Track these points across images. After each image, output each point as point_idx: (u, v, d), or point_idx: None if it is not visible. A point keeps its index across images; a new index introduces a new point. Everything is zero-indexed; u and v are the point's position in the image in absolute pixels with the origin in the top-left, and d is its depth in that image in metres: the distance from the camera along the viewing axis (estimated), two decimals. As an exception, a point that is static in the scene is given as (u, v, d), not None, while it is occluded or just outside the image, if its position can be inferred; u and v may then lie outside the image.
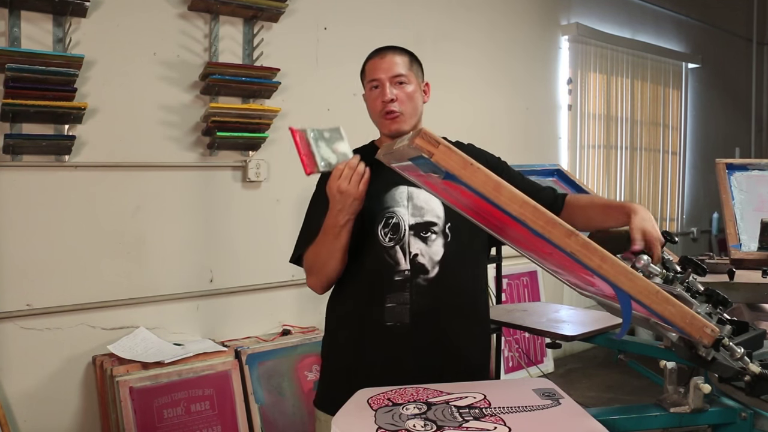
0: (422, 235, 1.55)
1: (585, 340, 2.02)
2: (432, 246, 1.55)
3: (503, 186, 1.06)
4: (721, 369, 1.16)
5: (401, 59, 1.58)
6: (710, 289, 1.21)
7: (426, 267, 1.54)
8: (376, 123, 1.63)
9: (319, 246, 1.51)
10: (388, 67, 1.57)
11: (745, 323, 1.26)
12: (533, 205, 1.06)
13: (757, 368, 1.16)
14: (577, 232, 1.05)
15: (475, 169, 1.06)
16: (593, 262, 1.05)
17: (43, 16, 2.50)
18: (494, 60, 4.26)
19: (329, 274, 1.54)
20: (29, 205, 2.52)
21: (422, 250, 1.54)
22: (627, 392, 3.97)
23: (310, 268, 1.56)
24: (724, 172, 2.55)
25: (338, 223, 1.44)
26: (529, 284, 4.44)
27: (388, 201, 1.57)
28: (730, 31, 6.71)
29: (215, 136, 2.85)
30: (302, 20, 3.25)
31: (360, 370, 1.55)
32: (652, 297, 1.06)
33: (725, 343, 1.13)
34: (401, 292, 1.53)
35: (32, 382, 2.53)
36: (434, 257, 1.54)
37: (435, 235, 1.55)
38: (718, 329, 1.11)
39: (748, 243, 2.33)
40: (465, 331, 1.60)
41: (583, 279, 1.20)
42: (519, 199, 1.06)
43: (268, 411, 2.84)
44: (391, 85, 1.56)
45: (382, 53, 1.61)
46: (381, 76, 1.57)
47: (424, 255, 1.54)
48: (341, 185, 1.40)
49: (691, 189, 6.26)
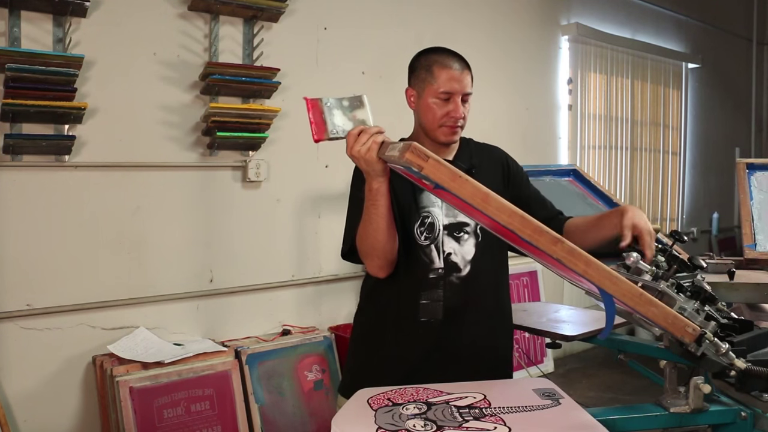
0: (455, 235, 1.62)
1: (585, 340, 2.02)
2: (464, 245, 1.62)
3: (491, 197, 1.11)
4: (710, 365, 1.18)
5: (468, 77, 1.61)
6: (697, 286, 1.21)
7: (458, 265, 1.61)
8: (429, 127, 1.63)
9: (365, 224, 1.50)
10: (465, 84, 1.60)
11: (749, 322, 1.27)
12: (521, 214, 1.11)
13: (743, 364, 1.17)
14: (562, 239, 1.10)
15: (464, 182, 1.12)
16: (579, 267, 1.10)
17: (43, 16, 2.50)
18: (494, 60, 4.26)
19: (383, 249, 1.51)
20: (29, 205, 2.52)
21: (455, 249, 1.61)
22: (627, 392, 3.97)
23: (365, 252, 1.55)
24: (744, 172, 2.54)
25: (372, 189, 1.44)
26: (529, 284, 4.44)
27: (424, 201, 1.62)
28: (730, 31, 6.71)
29: (215, 136, 2.84)
30: (302, 20, 3.25)
31: (392, 362, 1.62)
32: (636, 299, 1.10)
33: (709, 338, 1.14)
34: (435, 289, 1.60)
35: (32, 382, 2.53)
36: (466, 256, 1.61)
37: (467, 235, 1.62)
38: (700, 328, 1.14)
39: (764, 243, 2.33)
40: (492, 327, 1.68)
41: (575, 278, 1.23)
42: (507, 209, 1.11)
43: (268, 411, 2.84)
44: (462, 101, 1.60)
45: (461, 67, 1.61)
46: (457, 90, 1.59)
47: (457, 254, 1.61)
48: (354, 149, 1.38)
49: (691, 189, 6.26)
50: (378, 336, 1.67)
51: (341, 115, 1.46)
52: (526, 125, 4.50)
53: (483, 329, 1.65)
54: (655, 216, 5.71)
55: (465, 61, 1.63)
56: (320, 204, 3.30)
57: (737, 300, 2.11)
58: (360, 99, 1.48)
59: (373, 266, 1.56)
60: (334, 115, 1.45)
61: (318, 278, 3.34)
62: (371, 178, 1.42)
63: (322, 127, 1.44)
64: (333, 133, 1.44)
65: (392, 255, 1.55)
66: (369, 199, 1.46)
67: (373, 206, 1.46)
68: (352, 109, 1.47)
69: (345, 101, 1.47)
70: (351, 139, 1.40)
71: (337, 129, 1.44)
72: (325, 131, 1.44)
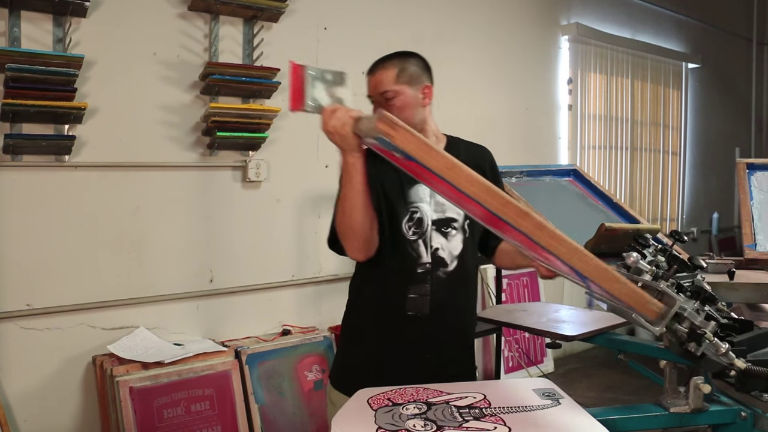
0: (443, 230, 1.64)
1: (585, 340, 2.02)
2: (452, 241, 1.64)
3: (459, 167, 1.11)
4: (710, 365, 1.18)
5: (387, 74, 1.62)
6: (697, 286, 1.21)
7: (446, 261, 1.63)
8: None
9: (342, 202, 1.50)
10: (375, 85, 1.64)
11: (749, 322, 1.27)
12: (488, 186, 1.10)
13: (742, 364, 1.17)
14: (530, 213, 1.09)
15: (431, 150, 1.13)
16: (544, 241, 1.09)
17: (43, 16, 2.50)
18: (494, 60, 4.26)
19: (360, 229, 1.51)
20: (29, 205, 2.52)
21: (443, 244, 1.63)
22: (627, 392, 3.97)
23: (342, 233, 1.55)
24: (744, 172, 2.54)
25: (347, 163, 1.44)
26: (529, 284, 4.44)
27: (412, 196, 1.64)
28: (730, 31, 6.71)
29: (215, 136, 2.84)
30: (302, 20, 3.25)
31: (379, 355, 1.64)
32: (601, 275, 1.11)
33: (709, 338, 1.14)
34: (422, 283, 1.62)
35: (32, 382, 2.53)
36: (453, 252, 1.63)
37: (455, 230, 1.64)
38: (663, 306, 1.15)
39: (764, 243, 2.33)
40: (470, 322, 1.76)
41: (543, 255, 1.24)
42: (475, 180, 1.11)
43: (268, 411, 2.84)
44: (381, 102, 1.63)
45: (372, 70, 1.67)
46: (372, 93, 1.66)
47: (444, 249, 1.63)
48: (329, 124, 1.39)
49: (691, 189, 6.26)
50: (365, 329, 1.69)
51: (322, 89, 1.46)
52: (526, 125, 4.50)
53: (465, 324, 1.72)
54: (655, 216, 5.71)
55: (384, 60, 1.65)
56: (320, 204, 3.30)
57: (737, 300, 2.11)
58: (342, 76, 1.48)
59: (352, 248, 1.56)
60: (315, 87, 1.45)
61: (318, 278, 3.34)
62: (346, 153, 1.43)
63: (300, 97, 1.44)
64: (310, 106, 1.44)
65: (369, 235, 1.53)
66: (345, 175, 1.45)
67: (348, 183, 1.45)
68: (334, 84, 1.47)
69: (329, 74, 1.47)
70: (326, 115, 1.39)
71: (315, 102, 1.44)
72: (302, 102, 1.44)
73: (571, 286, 4.81)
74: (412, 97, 1.63)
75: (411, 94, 1.63)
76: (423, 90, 1.66)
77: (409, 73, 1.64)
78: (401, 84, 1.62)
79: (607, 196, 2.45)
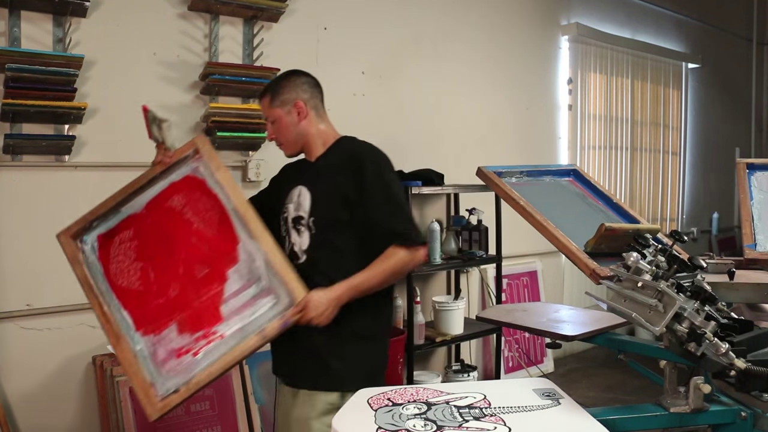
0: (296, 228, 1.83)
1: (585, 340, 2.02)
2: (302, 237, 1.81)
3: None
4: (710, 365, 1.18)
5: (264, 102, 1.89)
6: (697, 286, 1.21)
7: (297, 254, 1.82)
8: None
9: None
10: (262, 113, 1.94)
11: (749, 322, 1.27)
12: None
13: (742, 364, 1.17)
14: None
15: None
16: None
17: (43, 16, 2.50)
18: (494, 60, 4.26)
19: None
20: (29, 205, 2.52)
21: (296, 240, 1.83)
22: (627, 392, 3.97)
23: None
24: (744, 172, 2.53)
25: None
26: (529, 284, 4.44)
27: (286, 198, 1.88)
28: (730, 31, 6.71)
29: (215, 136, 2.84)
30: (302, 20, 3.25)
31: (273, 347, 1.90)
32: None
33: (709, 338, 1.14)
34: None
35: (32, 382, 2.53)
36: (302, 247, 1.81)
37: (303, 227, 1.81)
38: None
39: (764, 243, 2.32)
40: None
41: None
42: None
43: (268, 411, 2.83)
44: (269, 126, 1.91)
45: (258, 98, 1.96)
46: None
47: (297, 244, 1.82)
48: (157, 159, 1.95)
49: (691, 189, 6.26)
50: None
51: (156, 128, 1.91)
52: (526, 125, 4.50)
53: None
54: (655, 216, 5.72)
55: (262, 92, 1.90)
56: (320, 204, 3.29)
57: (737, 300, 2.11)
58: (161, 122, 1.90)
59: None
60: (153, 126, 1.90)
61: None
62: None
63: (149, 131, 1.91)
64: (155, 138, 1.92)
65: None
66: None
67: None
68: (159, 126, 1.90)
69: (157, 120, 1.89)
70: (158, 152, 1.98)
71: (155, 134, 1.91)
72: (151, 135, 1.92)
73: (571, 286, 4.81)
74: (287, 119, 1.86)
75: (284, 116, 1.86)
76: (295, 109, 1.85)
77: (280, 98, 1.86)
78: (274, 108, 1.87)
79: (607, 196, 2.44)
